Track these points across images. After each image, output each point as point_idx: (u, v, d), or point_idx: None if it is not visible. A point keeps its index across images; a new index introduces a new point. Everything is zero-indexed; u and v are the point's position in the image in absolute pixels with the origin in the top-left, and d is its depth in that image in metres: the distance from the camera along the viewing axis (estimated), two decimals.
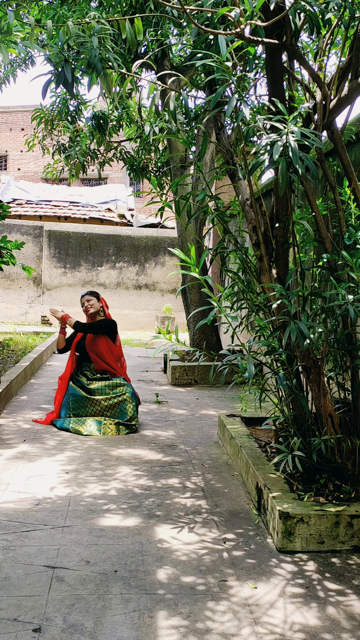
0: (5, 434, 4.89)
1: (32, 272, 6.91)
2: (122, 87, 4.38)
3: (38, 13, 7.51)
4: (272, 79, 3.37)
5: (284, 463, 3.29)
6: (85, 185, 23.77)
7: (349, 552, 2.92)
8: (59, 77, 3.61)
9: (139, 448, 4.63)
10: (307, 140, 2.78)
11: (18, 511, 3.29)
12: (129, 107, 9.09)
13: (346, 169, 3.45)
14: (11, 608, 2.33)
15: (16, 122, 26.53)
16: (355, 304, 3.01)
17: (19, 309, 15.15)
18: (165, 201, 3.96)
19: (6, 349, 8.91)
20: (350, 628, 2.29)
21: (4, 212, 6.99)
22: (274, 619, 2.33)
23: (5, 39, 3.47)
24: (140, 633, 2.20)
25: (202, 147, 4.71)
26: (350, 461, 3.31)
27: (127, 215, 17.70)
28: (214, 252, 3.88)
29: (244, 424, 4.67)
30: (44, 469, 4.02)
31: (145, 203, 10.03)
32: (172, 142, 8.27)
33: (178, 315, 14.19)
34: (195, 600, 2.44)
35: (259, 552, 2.92)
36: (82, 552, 2.82)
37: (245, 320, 3.75)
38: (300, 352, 3.29)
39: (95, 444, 4.69)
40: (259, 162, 2.81)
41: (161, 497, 3.58)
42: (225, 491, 3.74)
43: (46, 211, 17.40)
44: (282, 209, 3.43)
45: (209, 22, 3.12)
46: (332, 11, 3.09)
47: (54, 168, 10.40)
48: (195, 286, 8.18)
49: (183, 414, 5.88)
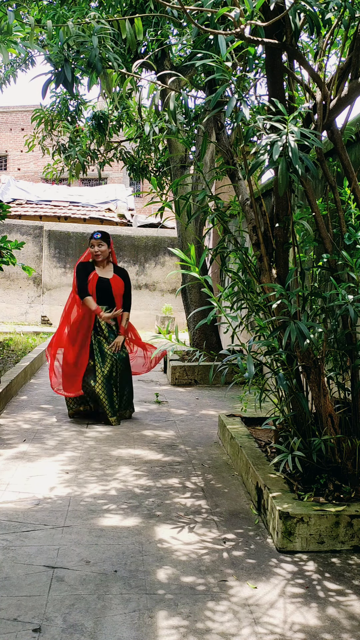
0: (5, 434, 4.89)
1: (32, 272, 6.91)
2: (122, 87, 4.38)
3: (38, 13, 7.50)
4: (272, 79, 3.36)
5: (284, 463, 3.29)
6: (85, 185, 23.77)
7: (349, 552, 2.92)
8: (59, 76, 3.61)
9: (139, 448, 4.63)
10: (307, 140, 2.78)
11: (18, 511, 3.29)
12: (129, 107, 9.09)
13: (346, 169, 3.45)
14: (11, 608, 2.33)
15: (16, 122, 26.53)
16: (355, 304, 3.01)
17: (19, 309, 15.14)
18: (165, 201, 3.95)
19: (6, 349, 8.91)
20: (350, 628, 2.29)
21: (4, 212, 6.99)
22: (274, 619, 2.33)
23: (5, 39, 3.47)
24: (140, 633, 2.20)
25: (202, 147, 4.71)
26: (350, 461, 3.31)
27: (127, 215, 17.70)
28: (214, 252, 3.88)
29: (244, 424, 4.67)
30: (44, 469, 4.02)
31: (145, 203, 10.05)
32: (172, 142, 8.27)
33: (178, 315, 14.19)
34: (195, 600, 2.44)
35: (259, 552, 2.92)
36: (82, 552, 2.82)
37: (245, 320, 3.75)
38: (300, 352, 3.29)
39: (95, 444, 4.69)
40: (259, 162, 2.81)
41: (161, 497, 3.58)
42: (225, 491, 3.74)
43: (46, 211, 17.40)
44: (282, 209, 3.43)
45: (209, 22, 3.12)
46: (332, 11, 3.09)
47: (54, 168, 10.40)
48: (195, 286, 8.18)
49: (183, 414, 5.88)
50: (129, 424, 5.38)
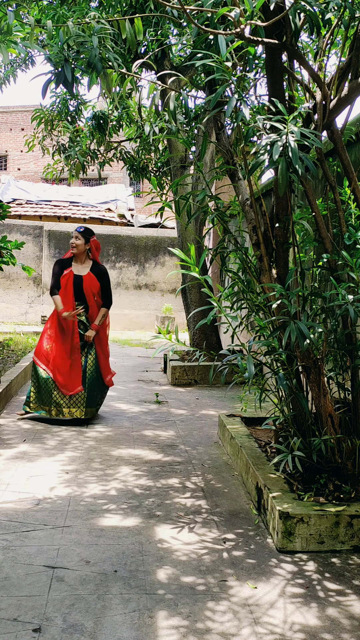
0: (5, 434, 4.89)
1: (32, 272, 6.91)
2: (122, 87, 4.38)
3: (38, 13, 7.50)
4: (272, 79, 3.36)
5: (284, 463, 3.29)
6: (85, 185, 23.77)
7: (349, 552, 2.92)
8: (59, 76, 3.61)
9: (139, 448, 4.63)
10: (307, 141, 2.78)
11: (18, 511, 3.29)
12: (129, 107, 9.09)
13: (346, 169, 3.45)
14: (11, 608, 2.33)
15: (16, 122, 26.52)
16: (355, 304, 3.01)
17: (19, 309, 15.14)
18: (165, 201, 3.95)
19: (6, 349, 8.91)
20: (350, 628, 2.29)
21: (4, 212, 6.99)
22: (274, 619, 2.33)
23: (5, 39, 3.46)
24: (140, 633, 2.20)
25: (202, 147, 4.71)
26: (350, 461, 3.31)
27: (127, 215, 17.70)
28: (214, 252, 3.88)
29: (244, 424, 4.67)
30: (44, 469, 4.02)
31: (145, 203, 10.03)
32: (172, 142, 8.27)
33: (178, 315, 14.19)
34: (195, 600, 2.44)
35: (259, 552, 2.92)
36: (82, 552, 2.82)
37: (245, 320, 3.75)
38: (300, 352, 3.29)
39: (95, 444, 4.69)
40: (259, 162, 2.81)
41: (161, 497, 3.58)
42: (225, 491, 3.74)
43: (46, 211, 17.40)
44: (282, 209, 3.43)
45: (209, 22, 3.12)
46: (332, 11, 3.09)
47: (54, 168, 10.40)
48: (195, 286, 8.18)
49: (183, 414, 5.88)
50: (129, 424, 5.38)
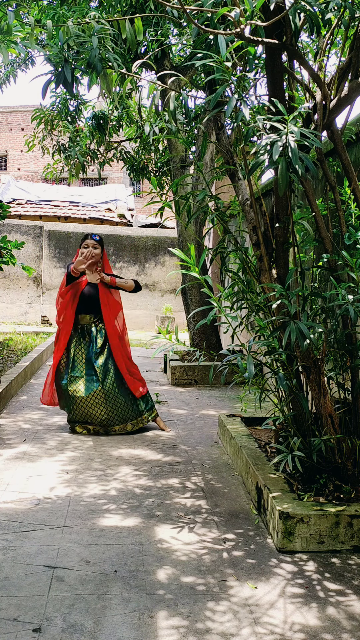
0: (5, 434, 4.89)
1: (32, 272, 6.91)
2: (122, 87, 4.38)
3: (38, 13, 7.50)
4: (272, 79, 3.36)
5: (283, 463, 3.29)
6: (85, 185, 23.78)
7: (349, 552, 2.92)
8: (59, 77, 3.61)
9: (139, 448, 4.63)
10: (307, 141, 2.78)
11: (18, 511, 3.29)
12: (129, 107, 9.09)
13: (346, 169, 3.45)
14: (11, 608, 2.33)
15: (16, 122, 26.53)
16: (355, 304, 3.01)
17: (19, 309, 15.15)
18: (165, 201, 3.95)
19: (6, 349, 8.91)
20: (350, 628, 2.29)
21: (4, 212, 6.99)
22: (274, 619, 2.33)
23: (5, 39, 3.46)
24: (140, 633, 2.20)
25: (202, 147, 4.70)
26: (350, 461, 3.31)
27: (127, 215, 17.71)
28: (214, 252, 3.88)
29: (244, 424, 4.67)
30: (44, 469, 4.02)
31: (145, 203, 10.01)
32: (172, 142, 8.27)
33: (178, 315, 14.19)
34: (195, 600, 2.44)
35: (259, 552, 2.92)
36: (82, 552, 2.82)
37: (245, 320, 3.75)
38: (300, 352, 3.29)
39: (95, 444, 4.69)
40: (259, 162, 2.81)
41: (161, 497, 3.58)
42: (225, 491, 3.74)
43: (46, 211, 17.41)
44: (282, 209, 3.43)
45: (209, 22, 3.12)
46: (332, 11, 3.08)
47: (54, 168, 10.40)
48: (195, 286, 8.18)
49: (183, 414, 5.88)
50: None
